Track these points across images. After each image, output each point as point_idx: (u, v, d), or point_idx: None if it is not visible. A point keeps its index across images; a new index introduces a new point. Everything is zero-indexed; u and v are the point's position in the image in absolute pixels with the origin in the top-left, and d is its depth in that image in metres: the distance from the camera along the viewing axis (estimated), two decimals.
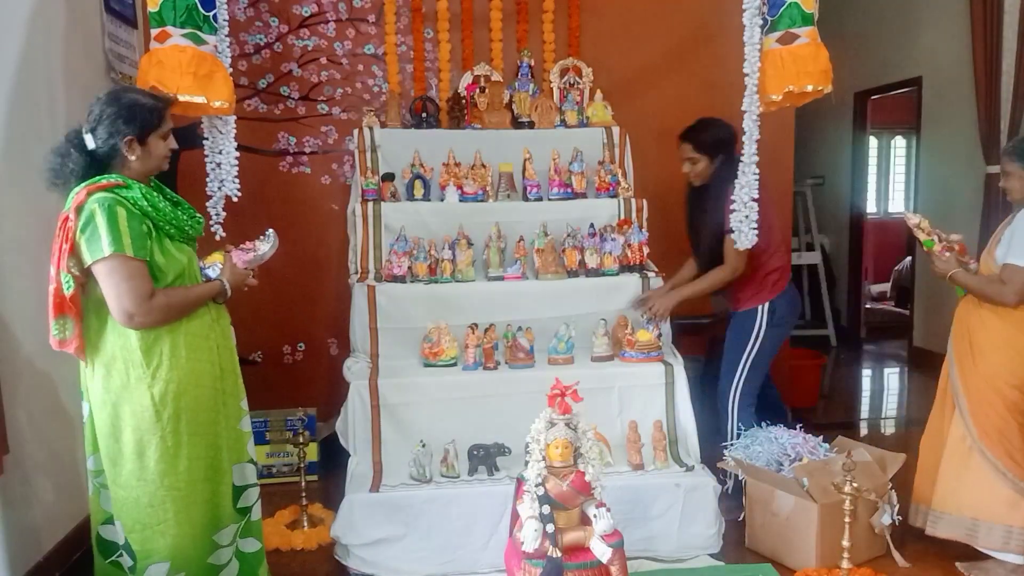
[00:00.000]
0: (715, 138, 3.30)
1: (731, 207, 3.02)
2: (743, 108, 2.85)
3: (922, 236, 2.99)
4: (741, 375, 3.37)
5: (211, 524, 2.31)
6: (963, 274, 2.87)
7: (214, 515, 2.31)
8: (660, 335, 3.33)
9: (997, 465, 2.77)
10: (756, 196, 2.92)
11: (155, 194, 2.23)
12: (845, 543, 2.69)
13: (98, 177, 2.14)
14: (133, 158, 2.19)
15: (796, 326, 4.58)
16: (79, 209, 2.09)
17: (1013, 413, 2.76)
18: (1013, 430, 2.76)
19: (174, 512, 2.20)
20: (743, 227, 2.95)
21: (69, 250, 2.09)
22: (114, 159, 2.19)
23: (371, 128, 3.87)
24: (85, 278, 2.15)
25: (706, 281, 3.36)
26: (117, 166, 2.19)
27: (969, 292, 2.89)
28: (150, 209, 2.17)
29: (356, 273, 3.58)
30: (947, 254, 2.91)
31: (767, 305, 3.34)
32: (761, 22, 2.77)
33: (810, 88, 2.73)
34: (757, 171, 2.91)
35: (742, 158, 2.95)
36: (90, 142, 2.17)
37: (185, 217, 2.30)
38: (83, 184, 2.12)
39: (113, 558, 2.32)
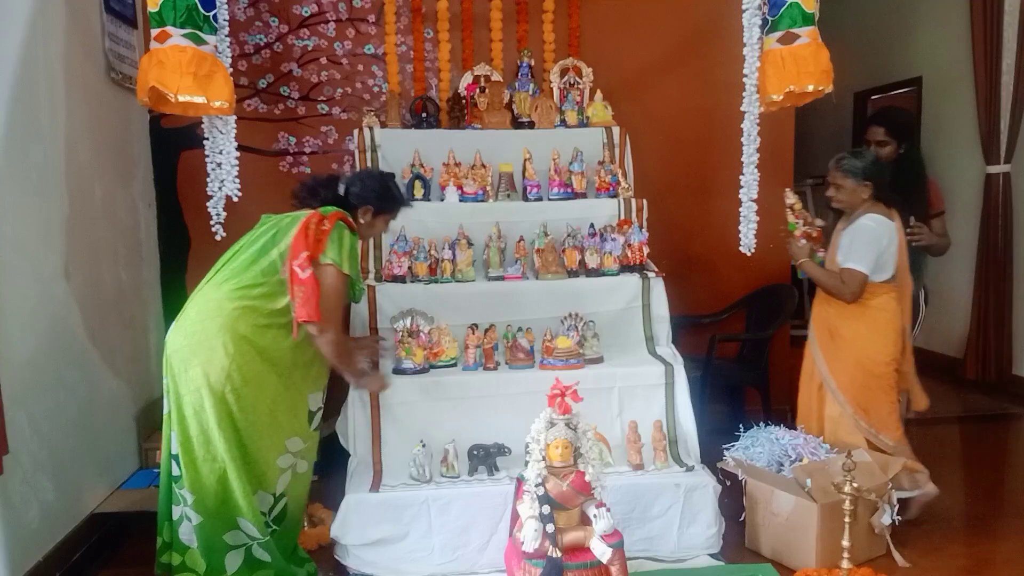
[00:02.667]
0: (906, 122, 3.63)
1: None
2: (743, 108, 2.85)
3: (790, 217, 3.27)
4: None
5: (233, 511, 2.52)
6: (811, 264, 3.21)
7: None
8: (581, 341, 3.29)
9: (870, 431, 3.13)
10: (755, 196, 2.92)
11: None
12: (845, 543, 2.69)
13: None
14: (362, 222, 2.79)
15: (796, 326, 4.60)
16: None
17: (881, 384, 3.14)
18: (879, 399, 3.14)
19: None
20: (746, 229, 2.94)
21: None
22: (351, 211, 2.75)
23: (371, 128, 3.87)
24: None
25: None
26: (349, 214, 2.73)
27: (814, 282, 3.24)
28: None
29: None
30: (803, 241, 3.23)
31: None
32: (761, 22, 2.77)
33: (811, 88, 2.73)
34: (757, 171, 2.91)
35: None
36: (341, 190, 2.77)
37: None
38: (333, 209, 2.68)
39: None
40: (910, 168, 3.50)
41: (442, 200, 3.71)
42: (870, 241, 3.05)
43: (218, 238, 2.87)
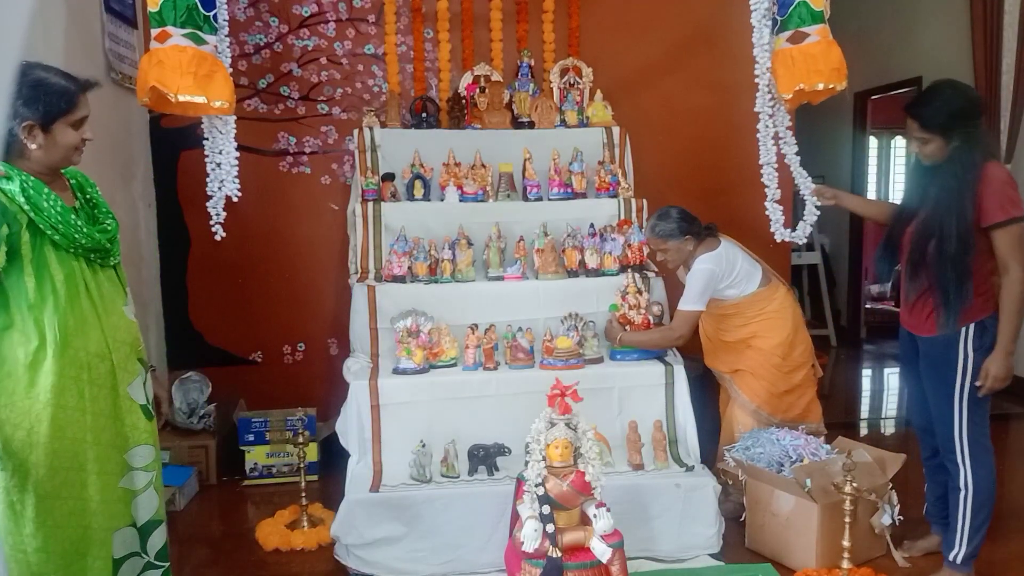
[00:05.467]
0: (949, 112, 2.64)
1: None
2: (756, 109, 2.85)
3: (616, 299, 3.39)
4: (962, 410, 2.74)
5: None
6: (629, 335, 3.30)
7: None
8: (581, 341, 3.30)
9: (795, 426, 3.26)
10: (777, 197, 2.93)
11: (46, 191, 1.90)
12: (845, 543, 2.69)
13: None
14: (34, 146, 1.90)
15: None
16: None
17: (803, 378, 3.32)
18: (805, 392, 3.33)
19: None
20: (776, 221, 2.93)
21: None
22: (13, 146, 1.90)
23: (371, 128, 3.87)
24: None
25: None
26: (15, 154, 1.91)
27: (642, 347, 3.31)
28: (28, 208, 1.87)
29: (356, 273, 3.58)
30: (616, 323, 3.33)
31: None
32: (770, 22, 2.76)
33: (821, 86, 2.72)
34: (773, 171, 2.92)
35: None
36: None
37: (80, 224, 1.97)
38: None
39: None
40: (952, 176, 2.58)
41: (442, 200, 3.71)
42: (704, 282, 3.18)
43: (218, 238, 2.87)
